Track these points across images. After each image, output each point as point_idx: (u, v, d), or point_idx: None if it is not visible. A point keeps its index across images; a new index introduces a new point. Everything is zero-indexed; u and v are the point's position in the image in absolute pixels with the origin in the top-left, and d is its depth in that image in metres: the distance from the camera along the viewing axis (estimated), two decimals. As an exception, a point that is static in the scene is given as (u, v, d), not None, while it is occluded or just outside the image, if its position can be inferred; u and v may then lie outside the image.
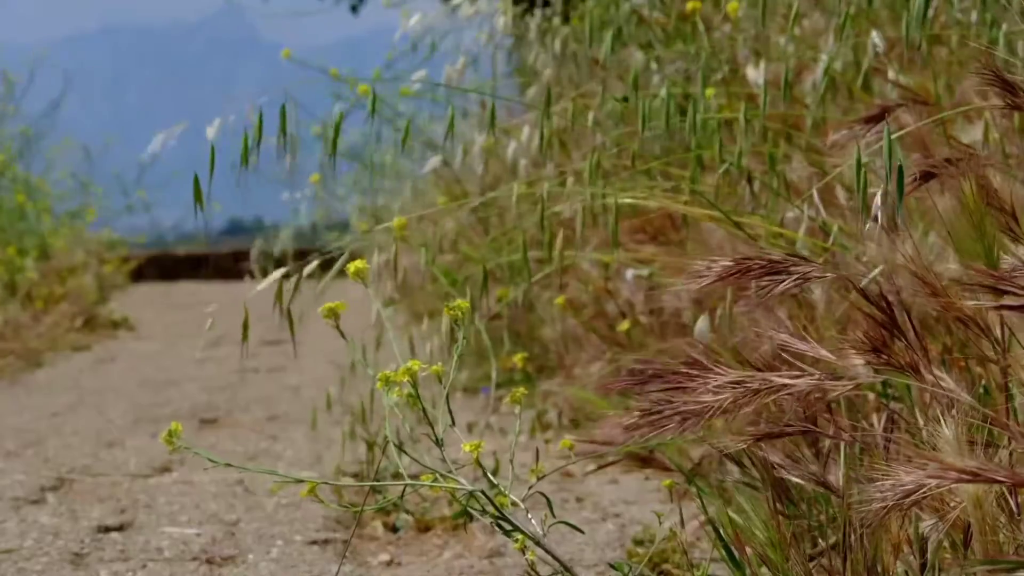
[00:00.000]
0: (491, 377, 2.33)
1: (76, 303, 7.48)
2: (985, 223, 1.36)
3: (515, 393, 1.69)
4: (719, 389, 1.38)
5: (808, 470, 1.54)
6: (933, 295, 1.38)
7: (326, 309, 1.61)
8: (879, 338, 1.38)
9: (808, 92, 2.64)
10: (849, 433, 1.49)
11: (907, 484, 1.24)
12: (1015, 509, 1.36)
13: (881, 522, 1.28)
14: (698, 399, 1.38)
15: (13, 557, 2.39)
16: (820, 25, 2.90)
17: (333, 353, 5.42)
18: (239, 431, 3.90)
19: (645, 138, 2.18)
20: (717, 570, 1.92)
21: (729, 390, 1.38)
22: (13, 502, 2.87)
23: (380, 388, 1.58)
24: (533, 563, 1.71)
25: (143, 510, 2.78)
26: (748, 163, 2.27)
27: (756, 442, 1.47)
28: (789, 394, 1.37)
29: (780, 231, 2.25)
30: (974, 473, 1.23)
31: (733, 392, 1.38)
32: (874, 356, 1.38)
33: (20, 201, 8.01)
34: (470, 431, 3.44)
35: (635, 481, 2.92)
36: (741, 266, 1.45)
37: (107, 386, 5.05)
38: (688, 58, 2.88)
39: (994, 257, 1.37)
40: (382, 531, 2.54)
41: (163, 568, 2.32)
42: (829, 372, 1.38)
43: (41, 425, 4.03)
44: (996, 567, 1.20)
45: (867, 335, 1.37)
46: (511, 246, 3.42)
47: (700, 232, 2.76)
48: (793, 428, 1.45)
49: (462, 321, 1.64)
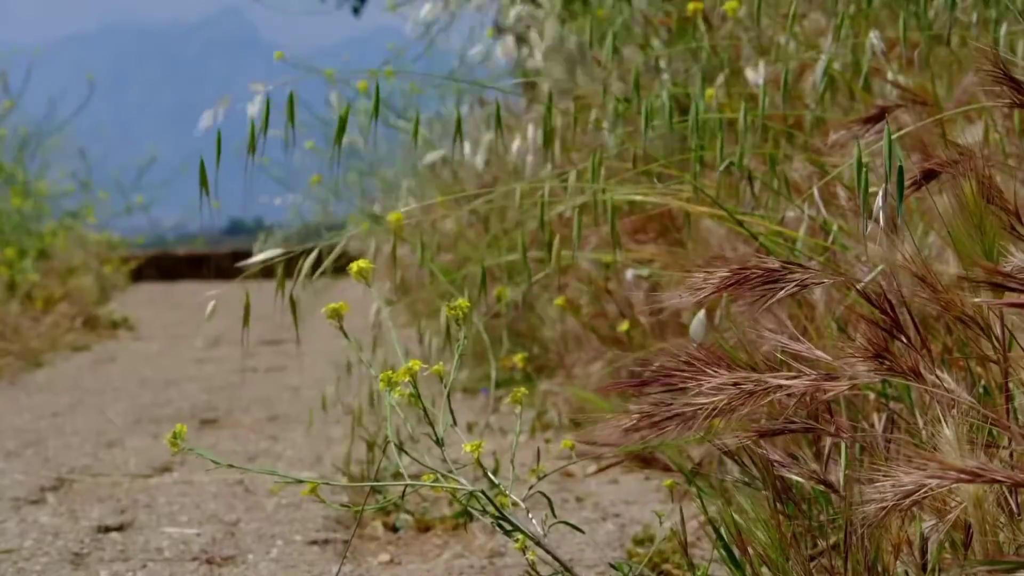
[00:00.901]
0: (491, 377, 2.33)
1: (76, 303, 7.48)
2: (986, 223, 1.36)
3: (516, 393, 1.69)
4: (715, 391, 1.38)
5: (808, 468, 1.54)
6: (934, 294, 1.38)
7: (329, 309, 1.60)
8: (881, 343, 1.37)
9: (808, 92, 2.64)
10: (850, 433, 1.49)
11: (907, 484, 1.24)
12: (1015, 509, 1.36)
13: (881, 522, 1.28)
14: (693, 401, 1.38)
15: (13, 557, 2.39)
16: (820, 25, 2.90)
17: (333, 353, 5.41)
18: (239, 431, 3.90)
19: (646, 138, 2.17)
20: (717, 570, 1.92)
21: (725, 391, 1.38)
22: (13, 502, 2.87)
23: (382, 388, 1.57)
24: (533, 563, 1.71)
25: (143, 510, 2.78)
26: (748, 163, 2.27)
27: (759, 438, 1.46)
28: (786, 395, 1.37)
29: (780, 229, 2.25)
30: (975, 473, 1.23)
31: (728, 394, 1.38)
32: (876, 363, 1.37)
33: (18, 204, 8.01)
34: (470, 431, 3.44)
35: (635, 481, 2.92)
36: (739, 275, 1.45)
37: (107, 386, 5.05)
38: (689, 58, 2.88)
39: (994, 257, 1.37)
40: (382, 531, 2.54)
41: (163, 568, 2.32)
42: (826, 372, 1.38)
43: (41, 425, 4.03)
44: (996, 567, 1.20)
45: (870, 341, 1.37)
46: (511, 245, 3.42)
47: (700, 231, 2.76)
48: (796, 426, 1.45)
49: (462, 321, 1.64)
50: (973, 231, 1.37)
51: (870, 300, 1.39)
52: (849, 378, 1.37)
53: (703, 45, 2.72)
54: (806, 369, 1.39)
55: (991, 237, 1.37)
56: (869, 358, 1.37)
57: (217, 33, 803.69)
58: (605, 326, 3.60)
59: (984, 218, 1.36)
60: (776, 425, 1.45)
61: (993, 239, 1.37)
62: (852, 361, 1.38)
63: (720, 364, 1.40)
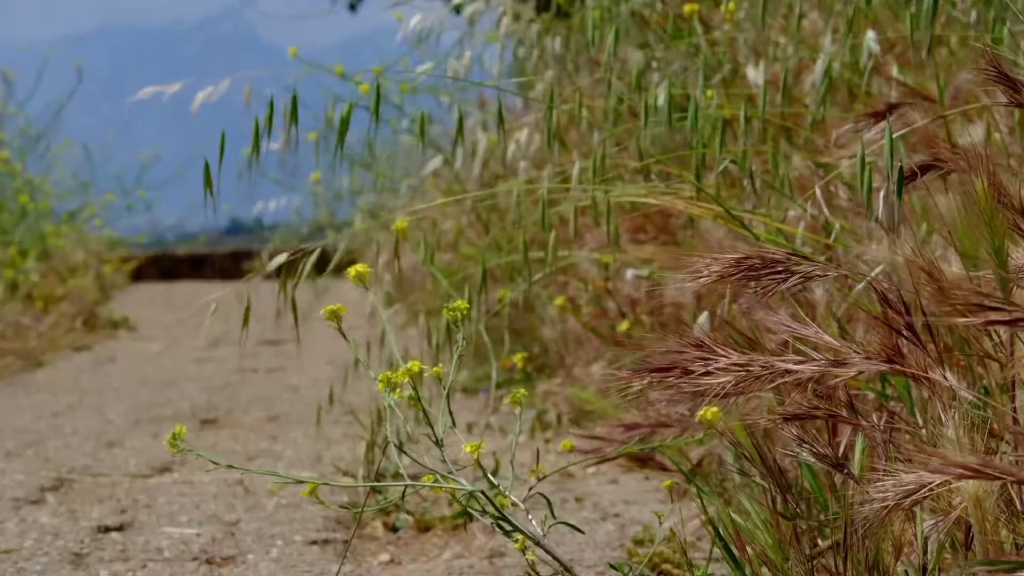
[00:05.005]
0: (491, 377, 2.33)
1: (76, 303, 7.48)
2: (995, 221, 1.35)
3: (516, 394, 1.69)
4: (721, 371, 1.37)
5: (823, 452, 1.52)
6: (939, 292, 1.38)
7: (328, 311, 1.60)
8: (893, 347, 1.37)
9: (807, 92, 2.64)
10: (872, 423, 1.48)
11: (908, 484, 1.24)
12: (1020, 507, 1.35)
13: (883, 522, 1.27)
14: (701, 381, 1.37)
15: (13, 557, 2.39)
16: (819, 25, 2.90)
17: (332, 353, 5.42)
18: (239, 431, 3.90)
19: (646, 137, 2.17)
20: (717, 570, 1.92)
21: (732, 373, 1.37)
22: (13, 502, 2.87)
23: (381, 390, 1.57)
24: (533, 563, 1.71)
25: (143, 510, 2.78)
26: (749, 162, 2.27)
27: (784, 422, 1.45)
28: (793, 380, 1.36)
29: (781, 227, 2.25)
30: (977, 469, 1.22)
31: (736, 375, 1.37)
32: (888, 366, 1.37)
33: (22, 201, 8.01)
34: (470, 431, 3.44)
35: (635, 481, 2.92)
36: (742, 264, 1.44)
37: (107, 386, 5.05)
38: (687, 58, 2.88)
39: (1004, 255, 1.36)
40: (382, 531, 2.54)
41: (163, 568, 2.31)
42: (834, 358, 1.37)
43: (41, 425, 4.02)
44: (996, 567, 1.20)
45: (883, 345, 1.36)
46: (511, 245, 3.42)
47: (700, 231, 2.76)
48: (820, 411, 1.44)
49: (461, 321, 1.64)
50: (982, 229, 1.36)
51: (886, 300, 1.38)
52: (856, 365, 1.36)
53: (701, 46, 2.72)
54: (814, 354, 1.38)
55: (1000, 235, 1.36)
56: (882, 361, 1.37)
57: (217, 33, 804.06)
58: (605, 326, 3.60)
59: (994, 216, 1.35)
60: (800, 410, 1.43)
61: (1003, 237, 1.36)
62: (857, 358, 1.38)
63: (729, 346, 1.39)
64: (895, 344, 1.37)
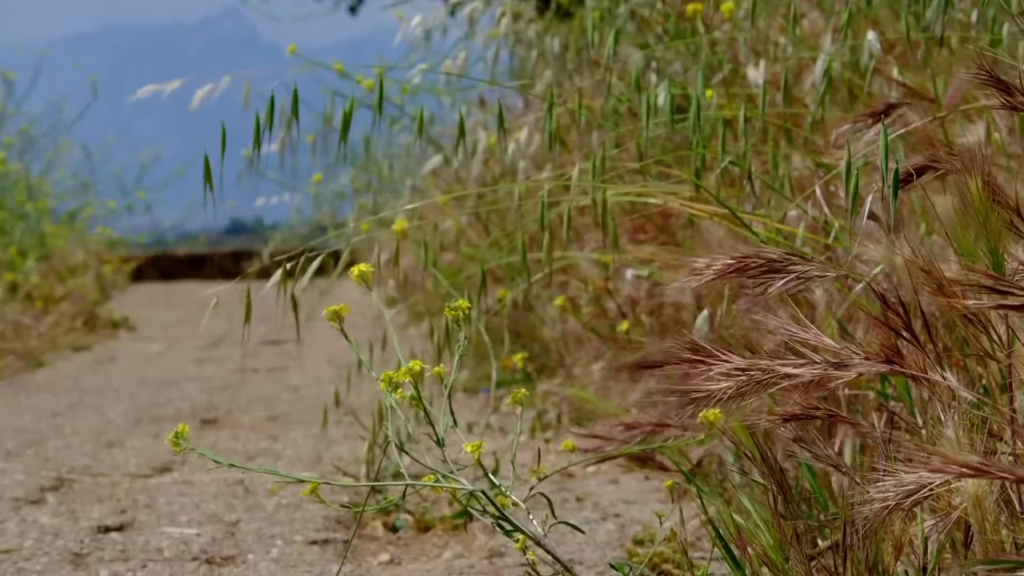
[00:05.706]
0: (491, 377, 2.33)
1: (76, 303, 7.48)
2: (991, 221, 1.36)
3: (516, 394, 1.69)
4: (722, 377, 1.37)
5: (822, 452, 1.52)
6: (938, 291, 1.38)
7: (330, 312, 1.60)
8: (892, 347, 1.37)
9: (807, 92, 2.64)
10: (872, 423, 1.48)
11: (908, 484, 1.24)
12: (1020, 507, 1.35)
13: (883, 522, 1.27)
14: (702, 386, 1.37)
15: (13, 557, 2.39)
16: (819, 25, 2.90)
17: (333, 353, 5.42)
18: (239, 431, 3.90)
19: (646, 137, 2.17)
20: (717, 570, 1.92)
21: (732, 378, 1.37)
22: (13, 502, 2.87)
23: (383, 389, 1.57)
24: (533, 563, 1.71)
25: (143, 510, 2.78)
26: (748, 162, 2.27)
27: (784, 422, 1.45)
28: (793, 384, 1.37)
29: (780, 227, 2.25)
30: (977, 468, 1.22)
31: (736, 380, 1.37)
32: (887, 367, 1.37)
33: (22, 200, 8.01)
34: (470, 431, 3.44)
35: (635, 481, 2.92)
36: (741, 264, 1.45)
37: (107, 386, 5.05)
38: (687, 58, 2.88)
39: (1000, 255, 1.36)
40: (382, 531, 2.54)
41: (163, 568, 2.32)
42: (834, 361, 1.38)
43: (41, 425, 4.03)
44: (996, 567, 1.20)
45: (883, 346, 1.36)
46: (511, 246, 3.42)
47: (700, 231, 2.76)
48: (820, 412, 1.44)
49: (462, 322, 1.64)
50: (978, 229, 1.36)
51: (885, 301, 1.38)
52: (855, 367, 1.37)
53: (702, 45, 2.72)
54: (814, 356, 1.38)
55: (996, 234, 1.36)
56: (881, 362, 1.37)
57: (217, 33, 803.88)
58: (605, 326, 3.60)
59: (989, 215, 1.35)
60: (801, 411, 1.44)
61: (998, 236, 1.36)
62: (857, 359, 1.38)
63: (729, 351, 1.39)
64: (894, 344, 1.38)
